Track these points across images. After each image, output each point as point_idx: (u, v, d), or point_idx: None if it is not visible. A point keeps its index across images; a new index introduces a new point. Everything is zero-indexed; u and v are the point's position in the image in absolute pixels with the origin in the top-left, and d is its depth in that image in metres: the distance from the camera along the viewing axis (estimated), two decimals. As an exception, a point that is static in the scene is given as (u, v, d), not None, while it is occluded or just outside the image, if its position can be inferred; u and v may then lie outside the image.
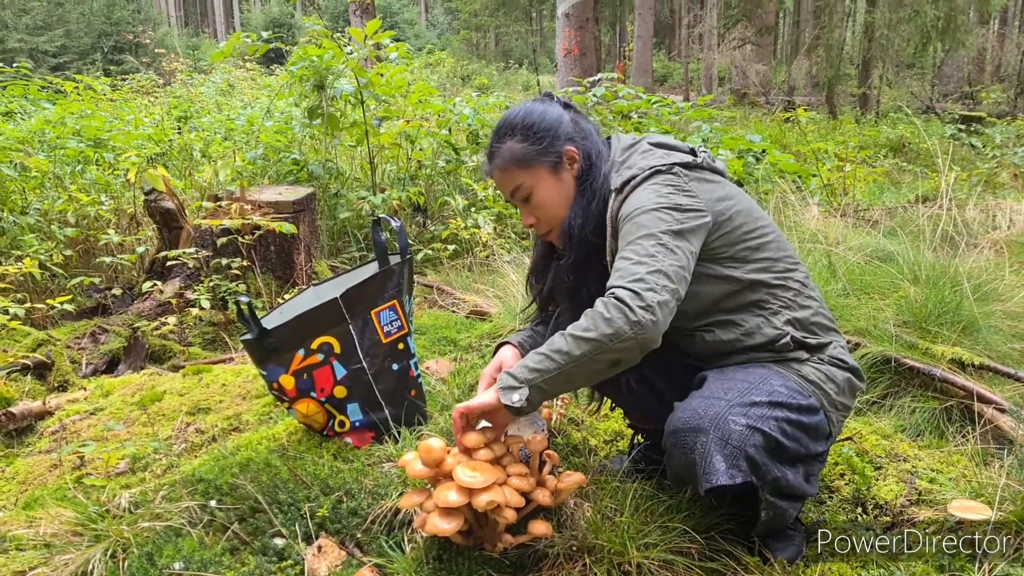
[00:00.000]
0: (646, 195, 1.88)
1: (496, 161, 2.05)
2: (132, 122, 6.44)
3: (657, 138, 2.10)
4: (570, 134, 2.04)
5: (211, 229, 4.40)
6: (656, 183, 1.91)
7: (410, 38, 32.49)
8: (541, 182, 2.03)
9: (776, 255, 1.99)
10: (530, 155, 2.01)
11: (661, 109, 6.96)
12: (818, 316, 2.00)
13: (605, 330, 1.67)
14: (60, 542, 2.09)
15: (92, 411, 3.14)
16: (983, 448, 2.47)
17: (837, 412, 1.95)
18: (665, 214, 1.83)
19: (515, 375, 1.76)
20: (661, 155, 2.00)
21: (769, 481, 1.79)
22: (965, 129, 11.69)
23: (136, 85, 12.36)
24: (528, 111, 2.06)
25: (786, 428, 1.80)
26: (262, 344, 2.35)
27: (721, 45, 19.81)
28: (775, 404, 1.81)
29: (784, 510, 1.87)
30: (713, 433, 1.74)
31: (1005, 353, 2.99)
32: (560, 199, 2.04)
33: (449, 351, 3.40)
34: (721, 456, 1.73)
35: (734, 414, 1.76)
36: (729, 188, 2.03)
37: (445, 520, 1.81)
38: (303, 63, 5.31)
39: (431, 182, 6.08)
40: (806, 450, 1.86)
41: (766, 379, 1.87)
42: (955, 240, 3.94)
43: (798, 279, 2.01)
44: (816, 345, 1.96)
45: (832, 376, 1.94)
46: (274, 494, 2.17)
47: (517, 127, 2.03)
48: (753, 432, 1.75)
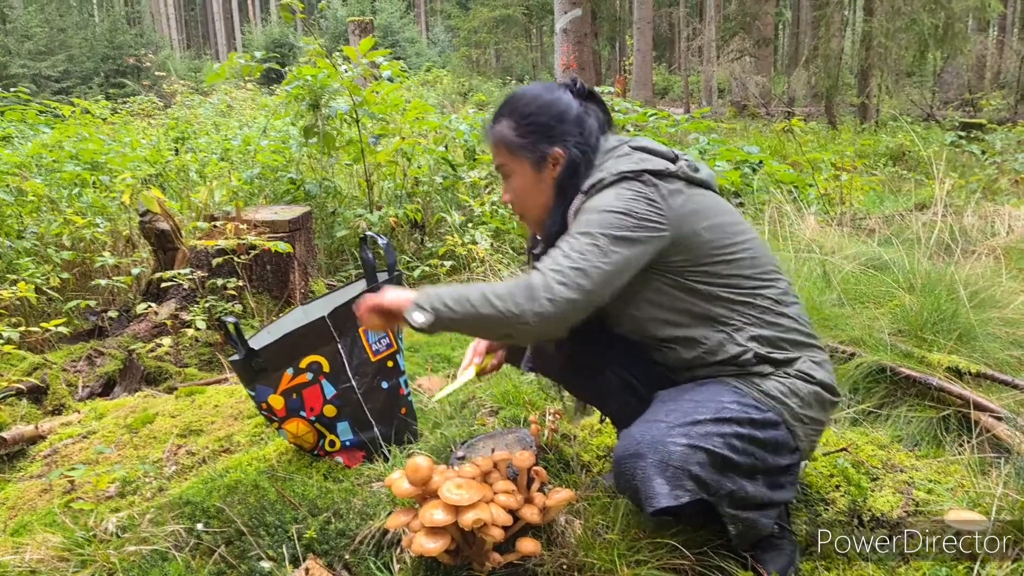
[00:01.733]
0: (606, 197, 1.86)
1: (490, 133, 2.07)
2: (129, 144, 6.46)
3: (640, 142, 2.04)
4: (565, 134, 1.98)
5: (207, 249, 4.40)
6: (620, 188, 1.87)
7: (411, 56, 32.60)
8: (522, 172, 2.03)
9: (747, 272, 1.93)
10: (516, 145, 2.01)
11: (658, 122, 6.96)
12: (790, 333, 1.94)
13: (511, 308, 1.73)
14: (46, 568, 2.08)
15: (85, 434, 3.13)
16: (981, 457, 2.43)
17: (804, 426, 1.90)
18: (614, 217, 1.81)
19: (431, 300, 1.78)
20: (635, 160, 1.93)
21: (724, 495, 1.76)
22: (966, 136, 11.67)
23: (137, 108, 12.43)
24: (535, 97, 2.02)
25: (735, 443, 1.77)
26: (250, 364, 2.34)
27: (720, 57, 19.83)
28: (721, 420, 1.78)
29: (754, 520, 1.83)
30: (651, 457, 1.72)
31: (1003, 360, 2.95)
32: (535, 195, 2.04)
33: (442, 368, 3.38)
34: (662, 479, 1.71)
35: (673, 435, 1.74)
36: (705, 200, 1.96)
37: (431, 539, 1.79)
38: (298, 82, 5.32)
39: (428, 198, 6.08)
40: (764, 463, 1.82)
41: (716, 396, 1.84)
42: (951, 247, 3.91)
43: (770, 296, 1.94)
44: (783, 360, 1.91)
45: (796, 390, 1.89)
46: (261, 516, 2.15)
47: (516, 111, 2.02)
48: (695, 451, 1.72)
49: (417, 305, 1.78)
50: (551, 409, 2.59)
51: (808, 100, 19.39)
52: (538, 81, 2.19)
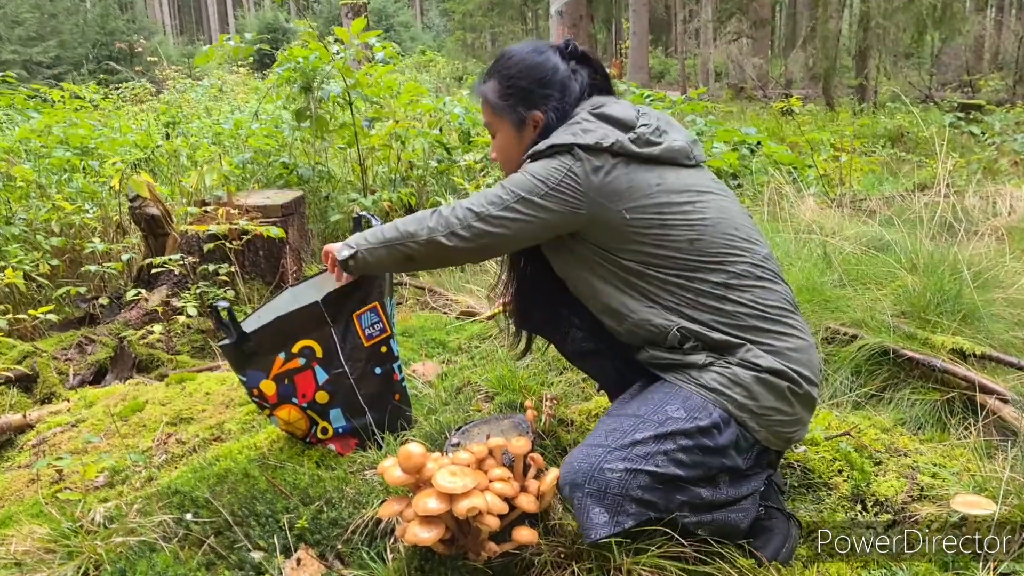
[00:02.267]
0: (536, 165, 1.88)
1: (477, 91, 2.11)
2: (120, 129, 6.38)
3: (606, 108, 1.93)
4: (547, 98, 1.98)
5: (198, 235, 4.34)
6: (552, 159, 1.86)
7: (405, 40, 32.42)
8: (504, 131, 2.07)
9: (685, 255, 1.82)
10: (498, 106, 2.04)
11: (653, 104, 6.88)
12: (734, 318, 1.81)
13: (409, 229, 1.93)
14: (32, 560, 2.03)
15: (74, 423, 3.07)
16: (986, 440, 2.39)
17: (756, 416, 1.78)
18: (528, 180, 1.85)
19: (355, 239, 2.04)
20: (576, 132, 1.87)
21: (676, 507, 1.72)
22: (964, 117, 11.60)
23: (129, 94, 12.31)
24: (521, 59, 2.02)
25: (681, 458, 1.71)
26: (241, 348, 2.28)
27: (717, 39, 19.73)
28: (663, 436, 1.71)
29: (723, 520, 1.80)
30: (588, 487, 1.69)
31: (1007, 341, 2.91)
32: (514, 153, 2.06)
33: (437, 353, 3.32)
34: (601, 508, 1.67)
35: (611, 460, 1.69)
36: (641, 179, 1.84)
37: (425, 529, 1.74)
38: (289, 64, 5.24)
39: (423, 182, 6.01)
40: (722, 467, 1.76)
41: (662, 405, 1.77)
42: (954, 227, 3.85)
43: (713, 279, 1.82)
44: (719, 343, 1.81)
45: (738, 379, 1.78)
46: (252, 506, 2.10)
47: (502, 72, 2.04)
48: (635, 475, 1.67)
49: (344, 244, 2.04)
50: (548, 395, 2.55)
51: (805, 82, 19.26)
52: (532, 42, 2.13)
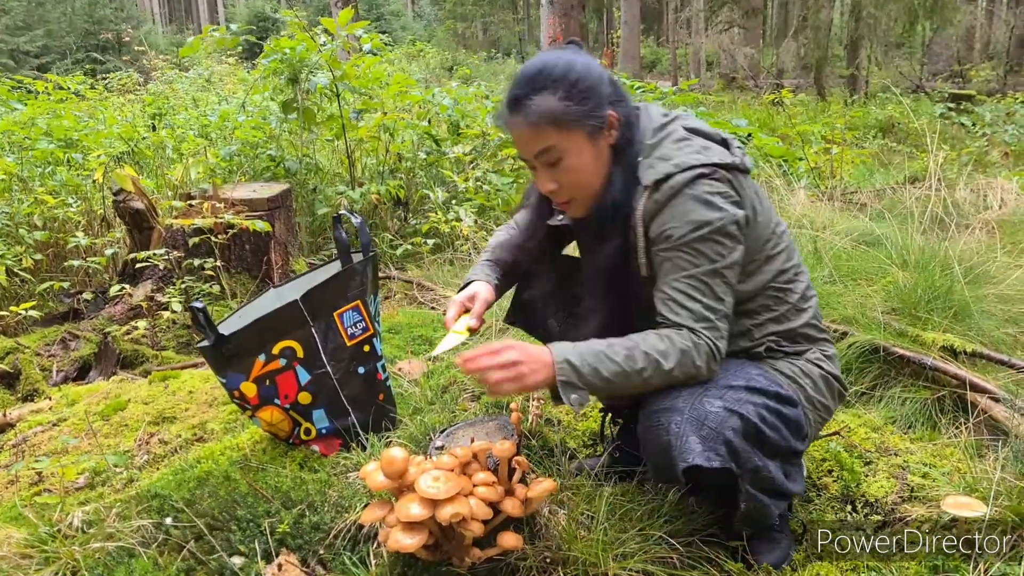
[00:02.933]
0: (697, 208, 1.69)
1: (526, 115, 1.73)
2: (105, 121, 6.30)
3: (691, 121, 1.85)
4: (611, 95, 1.78)
5: (183, 229, 4.28)
6: (704, 192, 1.69)
7: (396, 30, 32.23)
8: (576, 147, 1.76)
9: (784, 266, 1.87)
10: (571, 116, 1.72)
11: (646, 95, 6.83)
12: (807, 328, 1.90)
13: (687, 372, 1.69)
14: (8, 565, 1.98)
15: (55, 422, 3.03)
16: (977, 439, 2.37)
17: (815, 411, 1.87)
18: (723, 239, 1.70)
19: (583, 373, 1.67)
20: (697, 149, 1.74)
21: (749, 470, 1.70)
22: (955, 108, 11.58)
23: (116, 84, 12.19)
24: (570, 63, 1.74)
25: (765, 415, 1.71)
26: (220, 351, 2.24)
27: (709, 29, 19.67)
28: (753, 390, 1.73)
29: (765, 506, 1.77)
30: (688, 413, 1.66)
31: (998, 339, 2.88)
32: (593, 168, 1.79)
33: (424, 350, 3.28)
34: (697, 437, 1.64)
35: (710, 395, 1.69)
36: (756, 192, 1.86)
37: (408, 535, 1.70)
38: (276, 55, 5.17)
39: (411, 175, 5.96)
40: (786, 443, 1.76)
41: (743, 367, 1.80)
42: (945, 222, 3.82)
43: (798, 290, 1.89)
44: (792, 352, 1.90)
45: (807, 371, 1.86)
46: (232, 510, 2.06)
47: (559, 81, 1.72)
48: (731, 414, 1.67)
49: (566, 384, 1.66)
50: (535, 394, 2.51)
51: (797, 72, 19.25)
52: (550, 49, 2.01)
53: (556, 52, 1.80)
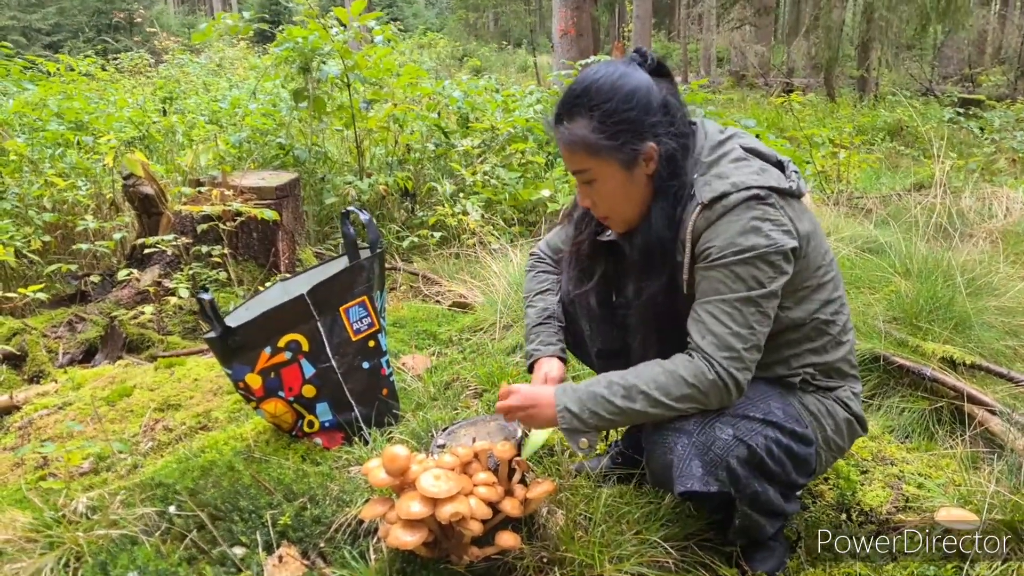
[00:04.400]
0: (743, 231, 1.65)
1: (563, 135, 1.76)
2: (116, 103, 6.32)
3: (748, 141, 1.83)
4: (655, 125, 1.72)
5: (191, 215, 4.30)
6: (754, 217, 1.65)
7: (408, 17, 32.16)
8: (609, 175, 1.76)
9: (831, 296, 1.83)
10: (601, 147, 1.72)
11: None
12: (841, 363, 1.89)
13: (693, 404, 1.69)
14: (13, 549, 2.01)
15: (61, 405, 3.06)
16: (973, 452, 2.39)
17: (828, 451, 1.88)
18: (764, 267, 1.65)
19: (582, 418, 1.73)
20: (756, 171, 1.71)
21: (748, 495, 1.72)
22: (964, 112, 11.55)
23: (127, 65, 12.20)
24: (614, 89, 1.70)
25: (773, 449, 1.72)
26: (226, 342, 2.27)
27: (720, 26, 19.61)
28: (768, 423, 1.73)
29: (761, 524, 1.81)
30: (697, 436, 1.69)
31: (998, 351, 2.90)
32: (627, 196, 1.79)
33: (428, 345, 3.31)
34: (700, 462, 1.67)
35: (722, 422, 1.70)
36: (810, 220, 1.81)
37: (408, 532, 1.73)
38: (288, 44, 5.19)
39: (420, 166, 5.97)
40: (787, 477, 1.78)
41: (766, 398, 1.78)
42: (949, 231, 3.84)
43: (839, 323, 1.86)
44: (824, 387, 1.89)
45: (832, 412, 1.87)
46: (235, 500, 2.09)
47: (597, 108, 1.71)
48: (739, 443, 1.68)
49: (571, 431, 1.74)
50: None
51: (807, 71, 19.19)
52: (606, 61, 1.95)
53: (610, 68, 1.75)
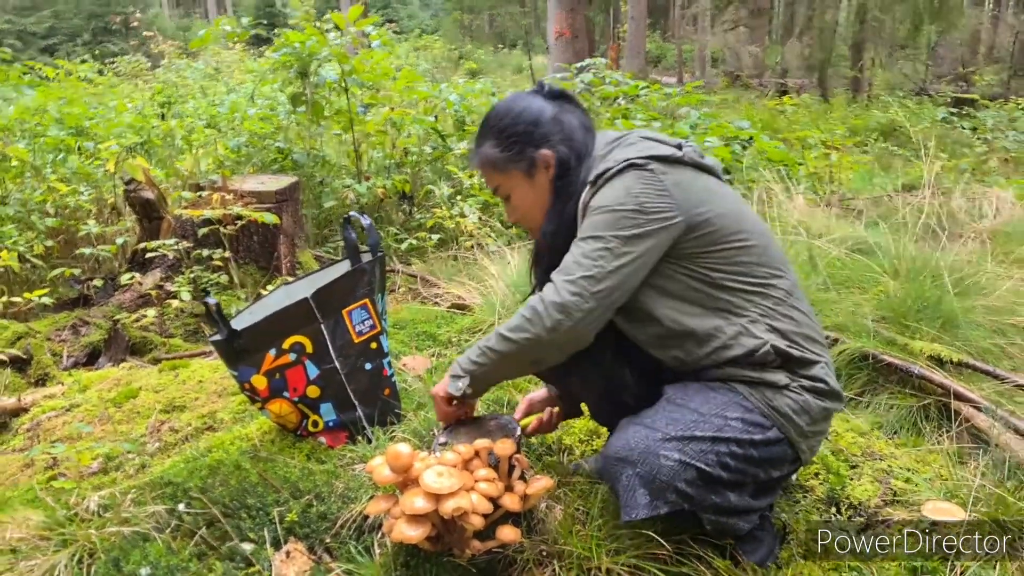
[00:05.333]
0: (615, 191, 1.82)
1: (474, 162, 2.08)
2: (115, 108, 6.37)
3: (644, 132, 2.02)
4: (548, 135, 1.98)
5: (192, 219, 4.36)
6: (628, 177, 1.82)
7: (403, 18, 32.26)
8: (516, 186, 2.03)
9: (759, 260, 1.88)
10: (502, 160, 2.00)
11: (650, 95, 6.90)
12: (803, 328, 1.89)
13: (524, 334, 1.81)
14: (26, 547, 2.08)
15: (68, 407, 3.12)
16: (959, 447, 2.46)
17: (807, 440, 1.88)
18: (624, 216, 1.78)
19: (461, 364, 1.97)
20: (641, 147, 1.89)
21: (706, 506, 1.77)
22: (957, 112, 11.65)
23: (124, 69, 12.25)
24: (506, 111, 2.02)
25: (728, 462, 1.76)
26: (232, 345, 2.33)
27: (714, 26, 19.70)
28: (720, 440, 1.76)
29: (731, 524, 1.84)
30: (640, 467, 1.74)
31: (985, 349, 2.97)
32: (535, 202, 2.03)
33: (428, 346, 3.37)
34: (646, 490, 1.73)
35: (667, 448, 1.74)
36: (713, 187, 1.93)
37: (412, 527, 1.79)
38: (286, 49, 5.25)
39: (417, 169, 6.04)
40: (756, 479, 1.83)
41: (722, 410, 1.80)
42: (940, 232, 3.91)
43: (782, 287, 1.90)
44: (800, 359, 1.84)
45: (808, 408, 1.84)
46: (243, 498, 2.15)
47: (493, 129, 2.02)
48: (686, 467, 1.72)
49: (453, 377, 1.97)
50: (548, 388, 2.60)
51: (801, 71, 19.25)
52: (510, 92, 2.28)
53: (508, 97, 2.09)
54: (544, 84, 2.08)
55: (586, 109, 2.11)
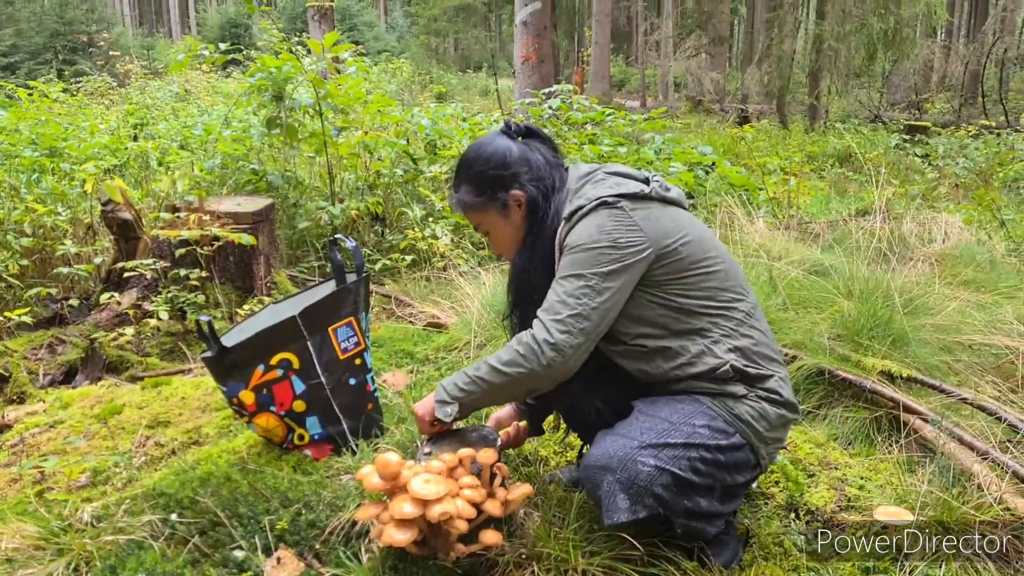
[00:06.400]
0: (589, 229, 1.98)
1: (455, 203, 2.24)
2: (88, 129, 6.41)
3: (614, 167, 2.18)
4: (517, 176, 2.14)
5: (169, 240, 4.43)
6: (601, 215, 1.99)
7: (369, 40, 32.34)
8: (494, 223, 2.21)
9: (722, 284, 2.06)
10: (478, 203, 2.17)
11: (615, 121, 7.10)
12: (761, 347, 2.05)
13: (519, 369, 1.96)
14: (22, 557, 2.14)
15: (51, 424, 3.17)
16: (908, 456, 2.63)
17: (767, 446, 2.03)
18: (602, 253, 1.95)
19: (448, 391, 2.08)
20: (612, 184, 2.07)
21: (680, 511, 1.92)
22: (910, 139, 12.05)
23: (91, 88, 12.23)
24: (476, 156, 2.18)
25: (699, 467, 1.91)
26: (222, 362, 2.42)
27: (677, 53, 20.12)
28: (691, 446, 1.91)
29: (700, 528, 1.99)
30: (620, 473, 1.88)
31: (932, 365, 3.15)
32: (512, 236, 2.21)
33: (406, 363, 3.49)
34: (625, 495, 1.87)
35: (644, 455, 1.89)
36: (680, 218, 2.10)
37: (400, 531, 1.91)
38: (261, 74, 5.35)
39: (389, 191, 6.15)
40: (722, 483, 1.98)
41: (690, 419, 1.96)
42: (890, 255, 4.11)
43: (743, 309, 2.07)
44: (756, 376, 2.00)
45: (765, 414, 1.99)
46: (234, 507, 2.24)
47: (465, 175, 2.19)
48: (661, 472, 1.88)
49: (440, 402, 2.08)
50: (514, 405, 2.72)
51: (761, 98, 19.75)
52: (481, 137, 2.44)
53: (478, 141, 2.22)
54: (510, 124, 2.24)
55: (552, 141, 2.28)
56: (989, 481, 2.36)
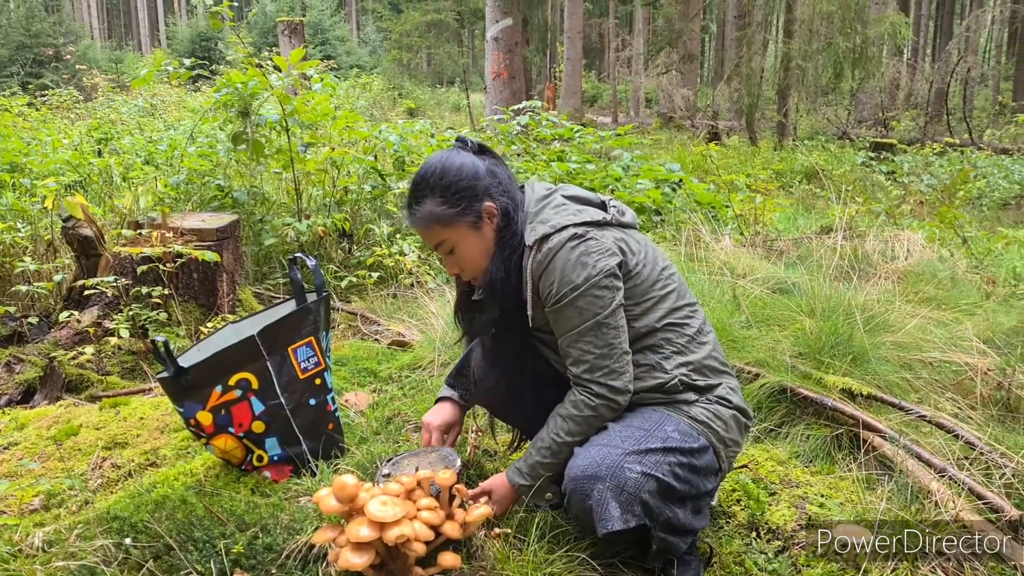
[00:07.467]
0: (575, 269, 2.00)
1: (417, 219, 2.13)
2: (51, 144, 6.33)
3: (571, 190, 2.21)
4: (487, 187, 2.12)
5: (131, 257, 4.37)
6: (577, 249, 2.01)
7: (341, 55, 32.35)
8: (463, 238, 2.13)
9: (676, 304, 2.14)
10: (448, 216, 2.09)
11: (584, 137, 7.13)
12: (709, 360, 2.14)
13: (591, 424, 2.04)
14: (-30, 584, 2.09)
15: (6, 445, 3.11)
16: (868, 474, 2.64)
17: (727, 448, 2.10)
18: (600, 290, 2.00)
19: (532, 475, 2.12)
20: (574, 212, 2.09)
21: (661, 522, 1.94)
22: (876, 156, 12.24)
23: (56, 102, 12.08)
24: (445, 169, 2.10)
25: (678, 472, 1.95)
26: (178, 382, 2.39)
27: (648, 69, 20.28)
28: (669, 450, 1.96)
29: (675, 544, 2.01)
30: (609, 481, 1.89)
31: (892, 383, 3.18)
32: (482, 252, 2.15)
33: (369, 382, 3.46)
34: (616, 503, 1.88)
35: (630, 462, 1.91)
36: (635, 239, 2.16)
37: (357, 555, 1.88)
38: (227, 90, 5.32)
39: (357, 207, 6.13)
40: (696, 489, 2.01)
41: (661, 425, 2.02)
42: (852, 272, 4.15)
43: (694, 325, 2.15)
44: (704, 387, 2.10)
45: (719, 414, 2.08)
46: (189, 531, 2.21)
47: (436, 187, 2.09)
48: (648, 479, 1.90)
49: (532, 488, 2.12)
50: (473, 427, 2.71)
51: (731, 114, 19.98)
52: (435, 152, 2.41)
53: (438, 156, 2.16)
54: (467, 140, 2.21)
55: (501, 159, 2.29)
56: (947, 498, 2.39)
